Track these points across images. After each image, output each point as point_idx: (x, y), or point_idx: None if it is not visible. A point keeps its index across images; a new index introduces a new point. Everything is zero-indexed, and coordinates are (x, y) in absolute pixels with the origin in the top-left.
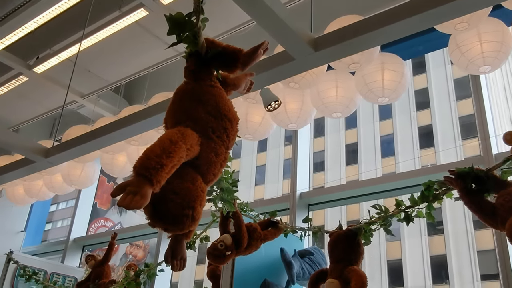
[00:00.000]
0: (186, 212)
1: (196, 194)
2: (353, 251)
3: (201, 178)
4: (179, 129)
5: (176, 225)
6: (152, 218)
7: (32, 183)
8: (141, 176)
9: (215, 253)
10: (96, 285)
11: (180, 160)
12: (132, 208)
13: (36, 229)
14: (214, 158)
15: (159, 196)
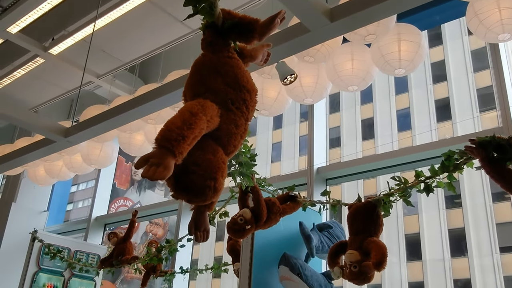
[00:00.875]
0: (208, 183)
1: (217, 165)
2: (372, 222)
3: (222, 149)
4: (199, 101)
5: (199, 196)
6: (175, 190)
7: (53, 163)
8: (164, 148)
9: (234, 227)
10: (119, 262)
11: (201, 131)
12: (156, 179)
13: (58, 209)
14: (234, 129)
15: (181, 168)
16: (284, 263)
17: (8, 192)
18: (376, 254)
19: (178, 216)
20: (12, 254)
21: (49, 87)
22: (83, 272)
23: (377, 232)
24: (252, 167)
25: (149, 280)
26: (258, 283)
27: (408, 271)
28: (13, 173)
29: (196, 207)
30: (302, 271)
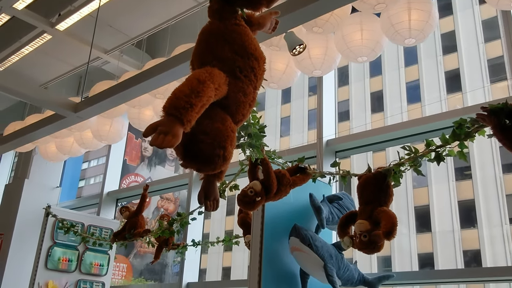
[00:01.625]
0: (218, 152)
1: (226, 134)
2: (382, 193)
3: (230, 118)
4: (206, 69)
5: (208, 165)
6: (184, 159)
7: (64, 140)
8: (172, 116)
9: (245, 199)
10: (131, 235)
11: (209, 99)
12: (164, 147)
13: (71, 185)
14: (243, 98)
15: (190, 137)
16: (295, 234)
17: (21, 169)
18: (386, 223)
19: (189, 190)
20: (27, 229)
21: (57, 63)
22: (97, 246)
23: (387, 202)
24: (262, 138)
25: (162, 253)
26: (269, 254)
27: (418, 242)
28: (25, 150)
29: (206, 177)
30: (312, 242)
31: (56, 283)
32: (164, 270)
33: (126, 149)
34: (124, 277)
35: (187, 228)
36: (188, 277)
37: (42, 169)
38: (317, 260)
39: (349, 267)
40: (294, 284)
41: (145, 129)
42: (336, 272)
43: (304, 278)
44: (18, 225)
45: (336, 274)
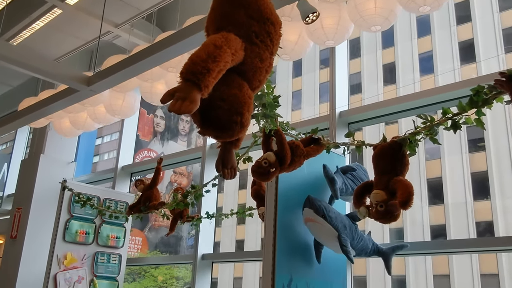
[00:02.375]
0: (235, 119)
1: (243, 100)
2: (398, 162)
3: (247, 84)
4: (222, 34)
5: (226, 132)
6: (202, 126)
7: (77, 115)
8: (189, 81)
9: (259, 170)
10: (146, 207)
11: (226, 65)
12: (182, 113)
13: (85, 160)
14: (259, 63)
15: (207, 104)
16: (309, 205)
17: (36, 144)
18: (403, 193)
19: (202, 163)
20: (44, 204)
21: (68, 38)
22: (113, 219)
23: (403, 171)
24: (276, 108)
25: (177, 226)
26: (283, 225)
27: (430, 214)
28: (39, 126)
29: (223, 145)
30: (326, 212)
31: (74, 255)
32: (179, 243)
33: (138, 125)
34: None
35: (201, 201)
36: (203, 248)
37: (57, 145)
38: (331, 231)
39: (363, 237)
40: (308, 254)
41: (162, 95)
42: (350, 242)
43: (318, 249)
44: (35, 199)
45: (350, 244)
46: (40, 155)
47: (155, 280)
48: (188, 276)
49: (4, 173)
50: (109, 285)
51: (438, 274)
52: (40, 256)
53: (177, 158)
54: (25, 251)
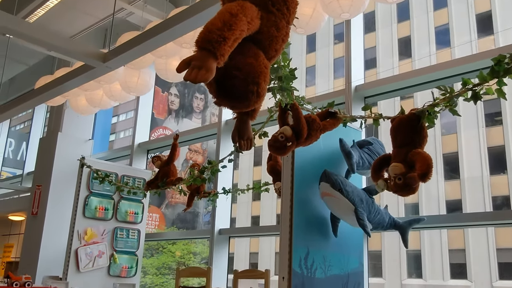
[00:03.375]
0: (251, 88)
1: (259, 69)
2: (416, 134)
3: (263, 53)
4: (238, 2)
5: (242, 102)
6: (218, 96)
7: (93, 92)
8: (205, 50)
9: (276, 144)
10: (164, 183)
11: (242, 33)
12: (198, 81)
13: (102, 138)
14: (275, 32)
15: (223, 73)
16: (325, 179)
17: (54, 122)
18: (421, 165)
19: (218, 139)
20: (64, 181)
21: (82, 16)
22: (131, 195)
23: (421, 143)
24: (293, 80)
25: (193, 202)
26: (300, 200)
27: (446, 189)
28: (56, 104)
29: (239, 116)
30: (343, 186)
31: (94, 230)
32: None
33: (153, 103)
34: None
35: (217, 178)
36: (219, 223)
37: (74, 123)
38: (347, 205)
39: (379, 211)
40: (325, 228)
41: (178, 64)
42: (366, 216)
43: (335, 223)
44: (54, 176)
45: (367, 218)
46: (58, 133)
47: (173, 255)
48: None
49: (23, 152)
50: (129, 259)
51: (453, 248)
52: (61, 232)
53: (193, 134)
54: (46, 227)
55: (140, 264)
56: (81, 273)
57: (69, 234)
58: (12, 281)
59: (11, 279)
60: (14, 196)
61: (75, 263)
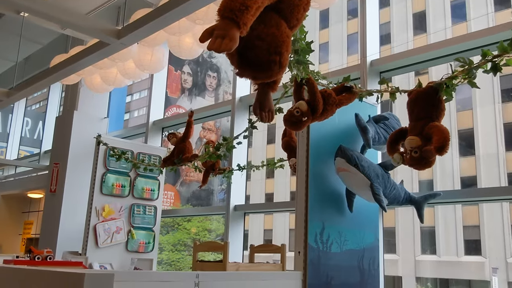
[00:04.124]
0: (273, 58)
1: (282, 39)
2: (434, 107)
3: (285, 23)
4: None
5: (264, 72)
6: (240, 67)
7: (108, 71)
8: (227, 19)
9: (291, 119)
10: (180, 160)
11: (264, 2)
12: (222, 51)
13: (117, 116)
14: (297, 1)
15: (244, 43)
16: (341, 155)
17: (69, 101)
18: (438, 138)
19: (232, 116)
20: (81, 158)
21: None
22: (147, 172)
23: (438, 117)
24: (309, 53)
25: (209, 178)
26: (315, 175)
27: (461, 165)
28: (71, 82)
29: (260, 88)
30: (358, 162)
31: (112, 207)
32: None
33: (166, 82)
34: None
35: (232, 155)
36: (235, 200)
37: (89, 101)
38: (363, 180)
39: (395, 186)
40: (340, 204)
41: (201, 34)
42: (382, 191)
43: (350, 198)
44: (71, 154)
45: (382, 193)
46: (73, 112)
47: (188, 232)
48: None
49: (40, 131)
50: (146, 235)
51: (468, 225)
52: (79, 209)
53: (207, 112)
54: (65, 204)
55: (157, 240)
56: (100, 248)
57: (87, 211)
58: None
59: (33, 253)
60: (32, 174)
61: (93, 239)
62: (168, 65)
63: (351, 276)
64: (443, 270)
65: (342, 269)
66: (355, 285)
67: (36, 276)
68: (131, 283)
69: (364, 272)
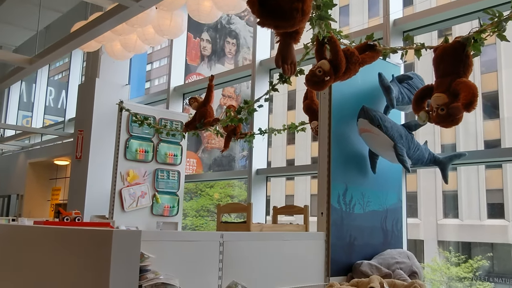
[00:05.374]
0: (296, 6)
1: None
2: (461, 63)
3: None
4: None
5: (287, 20)
6: (261, 16)
7: (127, 37)
8: None
9: (313, 79)
10: (201, 124)
11: None
12: None
13: (138, 83)
14: None
15: None
16: (363, 115)
17: (91, 69)
18: (466, 94)
19: (252, 80)
20: (104, 125)
21: None
22: (170, 137)
23: (466, 72)
24: (332, 7)
25: (230, 143)
26: (338, 136)
27: (484, 128)
28: (91, 49)
29: (282, 40)
30: (382, 122)
31: (136, 172)
32: (231, 163)
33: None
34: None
35: (253, 120)
36: (256, 164)
37: (111, 68)
38: (387, 141)
39: (419, 147)
40: (363, 165)
41: None
42: (406, 151)
43: (373, 159)
44: (95, 121)
45: (406, 153)
46: (95, 79)
47: (211, 198)
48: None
49: (63, 100)
50: (170, 199)
51: (491, 188)
52: (105, 174)
53: (227, 76)
54: (90, 170)
55: (181, 204)
56: (126, 212)
57: (112, 176)
58: (63, 216)
59: (62, 215)
60: (58, 142)
61: (119, 203)
62: (187, 32)
63: (374, 237)
64: (466, 234)
65: (365, 230)
66: (378, 245)
67: (66, 234)
68: (158, 242)
69: (387, 233)
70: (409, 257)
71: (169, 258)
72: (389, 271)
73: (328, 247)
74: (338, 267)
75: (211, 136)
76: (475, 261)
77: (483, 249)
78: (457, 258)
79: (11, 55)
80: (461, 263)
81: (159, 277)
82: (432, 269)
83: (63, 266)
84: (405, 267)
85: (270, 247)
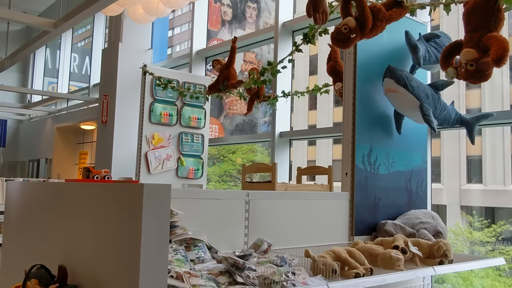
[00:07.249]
0: None
1: None
2: (492, 17)
3: None
4: None
5: None
6: None
7: (149, 0)
8: None
9: (339, 37)
10: (225, 86)
11: None
12: None
13: (160, 48)
14: None
15: None
16: (389, 75)
17: (114, 33)
18: (497, 49)
19: (275, 42)
20: (128, 89)
21: None
22: (193, 100)
23: (497, 27)
24: None
25: (253, 106)
26: (363, 97)
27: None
28: (114, 13)
29: None
30: (408, 82)
31: (161, 135)
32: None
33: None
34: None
35: (276, 84)
36: (280, 127)
37: (133, 33)
38: (413, 101)
39: (446, 107)
40: (388, 125)
41: None
42: (432, 112)
43: (399, 120)
44: (119, 86)
45: (432, 114)
46: (118, 44)
47: (234, 163)
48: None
49: (87, 66)
50: (195, 162)
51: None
52: (130, 137)
53: (250, 39)
54: (116, 133)
55: (205, 167)
56: (152, 174)
57: (137, 139)
58: (93, 175)
59: (91, 173)
60: (83, 107)
61: (145, 165)
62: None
63: (399, 197)
64: (489, 199)
65: (389, 190)
66: (402, 206)
67: (98, 190)
68: (186, 200)
69: (411, 194)
70: (433, 217)
71: (196, 216)
72: (414, 231)
73: (352, 207)
74: (363, 226)
75: (232, 102)
76: (498, 226)
77: (507, 214)
78: (480, 223)
79: (37, 19)
80: (484, 228)
81: (188, 232)
82: (455, 234)
83: (95, 221)
84: (430, 227)
85: (294, 206)
